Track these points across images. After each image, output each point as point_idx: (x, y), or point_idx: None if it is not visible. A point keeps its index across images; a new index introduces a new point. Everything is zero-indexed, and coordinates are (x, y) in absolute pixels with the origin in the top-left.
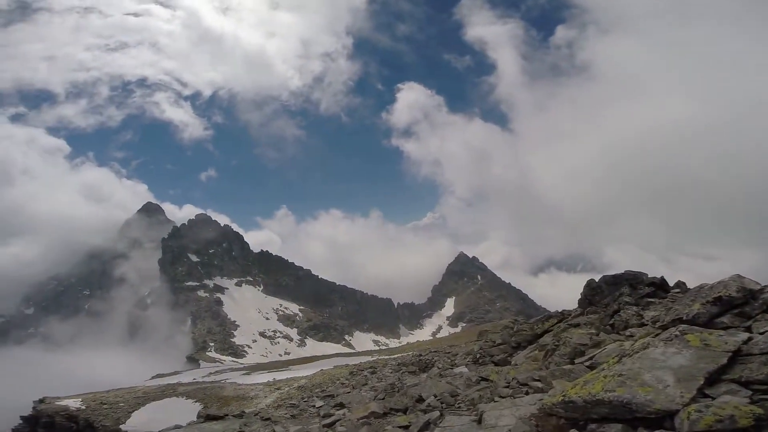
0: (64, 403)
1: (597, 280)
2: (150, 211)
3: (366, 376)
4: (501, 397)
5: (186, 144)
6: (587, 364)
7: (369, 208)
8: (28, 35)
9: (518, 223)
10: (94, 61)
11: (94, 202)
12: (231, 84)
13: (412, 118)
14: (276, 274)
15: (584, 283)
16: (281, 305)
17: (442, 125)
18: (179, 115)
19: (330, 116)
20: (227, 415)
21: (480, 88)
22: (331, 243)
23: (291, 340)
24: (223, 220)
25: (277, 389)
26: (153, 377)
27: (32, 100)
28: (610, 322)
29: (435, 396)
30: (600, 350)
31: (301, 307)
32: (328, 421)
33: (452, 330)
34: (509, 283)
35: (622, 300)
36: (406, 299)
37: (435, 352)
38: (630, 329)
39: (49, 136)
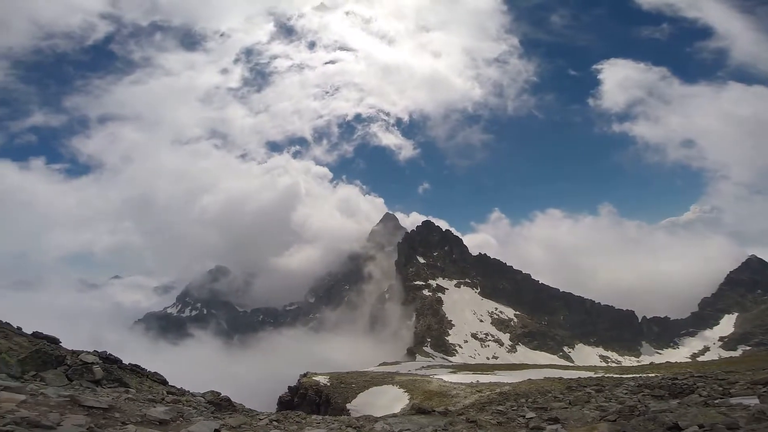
0: (317, 379)
1: None
2: (388, 220)
3: (589, 393)
4: None
5: (403, 162)
6: None
7: (596, 205)
8: (275, 97)
9: None
10: (323, 108)
11: (348, 215)
12: (420, 106)
13: (631, 98)
14: (493, 278)
15: None
16: (497, 309)
17: (679, 99)
18: (392, 139)
19: (522, 116)
20: (434, 410)
21: (704, 52)
22: (552, 245)
23: (502, 344)
24: (443, 225)
25: (478, 392)
26: (380, 364)
27: (297, 142)
28: None
29: (700, 426)
30: None
31: (517, 313)
32: None
33: (726, 353)
34: None
35: None
36: (655, 312)
37: (698, 376)
38: None
39: (317, 165)
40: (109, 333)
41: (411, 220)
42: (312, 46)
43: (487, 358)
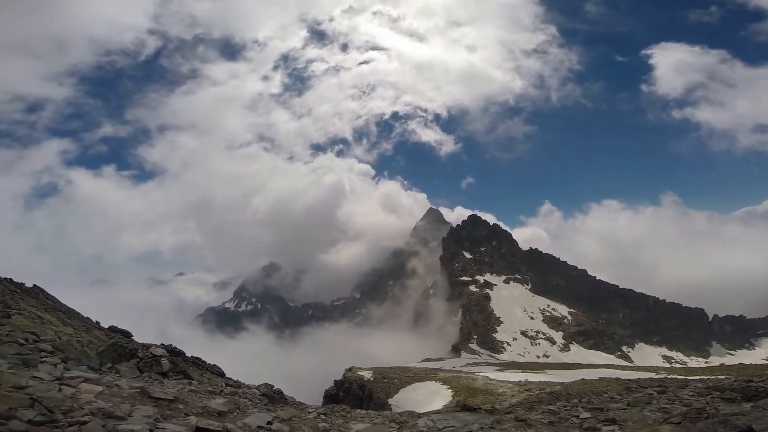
0: (362, 373)
1: None
2: (432, 215)
3: (651, 394)
4: None
5: (444, 157)
6: None
7: (657, 195)
8: (315, 100)
9: None
10: (360, 109)
11: (390, 211)
12: (459, 101)
13: (689, 82)
14: (546, 273)
15: None
16: (549, 306)
17: (745, 82)
18: (431, 135)
19: (569, 106)
20: (480, 408)
21: (761, 35)
22: (610, 239)
23: (554, 343)
24: (490, 219)
25: (527, 390)
26: (422, 360)
27: (339, 142)
28: None
29: None
30: None
31: (572, 310)
32: None
33: None
34: None
35: None
36: (727, 310)
37: None
38: None
39: (360, 163)
40: (173, 326)
41: (456, 215)
42: (345, 48)
43: (538, 357)
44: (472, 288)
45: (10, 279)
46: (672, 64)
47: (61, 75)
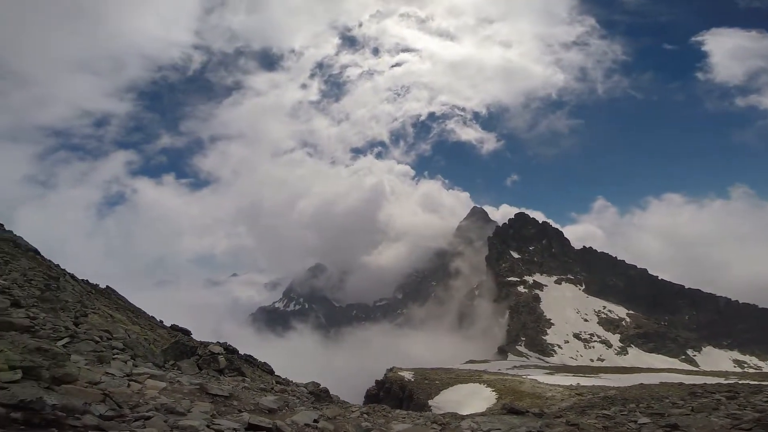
0: (403, 374)
1: None
2: (476, 214)
3: (719, 400)
4: None
5: (486, 155)
6: None
7: (725, 187)
8: (352, 104)
9: None
10: (396, 111)
11: (431, 210)
12: (498, 98)
13: (750, 68)
14: (601, 273)
15: None
16: (605, 307)
17: None
18: (471, 134)
19: (618, 98)
20: (528, 411)
21: None
22: (672, 235)
23: (609, 346)
24: (539, 217)
25: (578, 395)
26: (466, 362)
27: (378, 144)
28: None
29: None
30: None
31: (630, 312)
32: None
33: None
34: None
35: None
36: None
37: None
38: None
39: (399, 164)
40: (227, 325)
41: (501, 214)
42: (376, 51)
43: (591, 360)
44: (521, 289)
45: (87, 280)
46: (728, 50)
47: (121, 90)
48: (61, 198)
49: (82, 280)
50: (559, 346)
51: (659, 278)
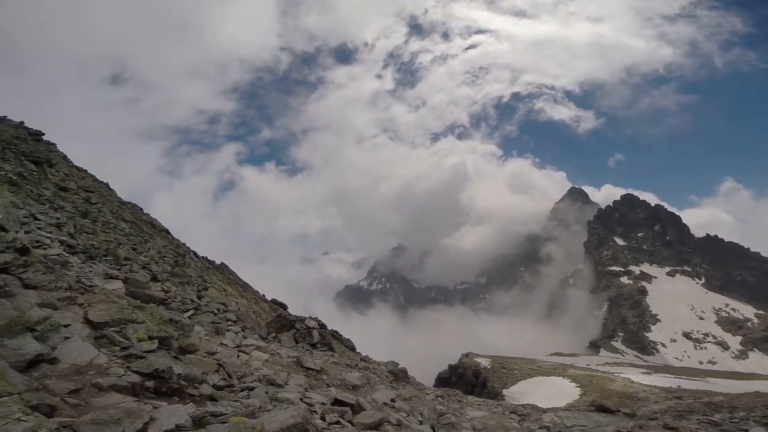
0: (479, 360)
1: None
2: (574, 195)
3: None
4: None
5: (584, 134)
6: None
7: None
8: (428, 90)
9: None
10: (476, 94)
11: (520, 191)
12: (592, 75)
13: None
14: (728, 266)
15: None
16: (727, 305)
17: None
18: (565, 112)
19: (741, 72)
20: (619, 410)
21: None
22: None
23: (726, 348)
24: (650, 199)
25: (676, 398)
26: (551, 354)
27: (459, 128)
28: None
29: None
30: None
31: (760, 312)
32: None
33: None
34: None
35: None
36: None
37: None
38: None
39: (483, 144)
40: (316, 300)
41: (603, 195)
42: (446, 36)
43: (700, 363)
44: (624, 280)
45: (206, 257)
46: None
47: (227, 92)
48: (184, 185)
49: (202, 257)
50: (663, 345)
51: None
